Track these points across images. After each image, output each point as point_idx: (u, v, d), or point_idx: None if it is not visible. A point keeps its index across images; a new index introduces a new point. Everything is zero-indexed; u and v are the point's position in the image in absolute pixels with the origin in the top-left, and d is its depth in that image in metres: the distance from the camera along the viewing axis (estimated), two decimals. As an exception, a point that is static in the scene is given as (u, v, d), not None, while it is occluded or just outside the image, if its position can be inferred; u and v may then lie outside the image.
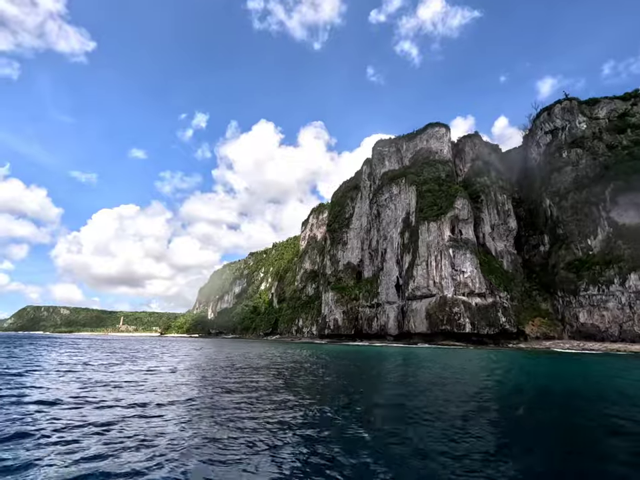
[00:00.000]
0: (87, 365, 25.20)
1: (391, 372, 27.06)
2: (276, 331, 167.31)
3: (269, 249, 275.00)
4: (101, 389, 14.85)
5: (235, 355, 39.14)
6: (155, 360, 31.51)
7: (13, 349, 41.46)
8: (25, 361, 26.00)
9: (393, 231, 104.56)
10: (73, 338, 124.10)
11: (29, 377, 17.61)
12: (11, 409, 10.95)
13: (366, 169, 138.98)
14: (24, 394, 13.29)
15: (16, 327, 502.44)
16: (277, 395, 14.60)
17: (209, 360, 33.12)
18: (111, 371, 21.64)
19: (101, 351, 41.62)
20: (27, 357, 29.69)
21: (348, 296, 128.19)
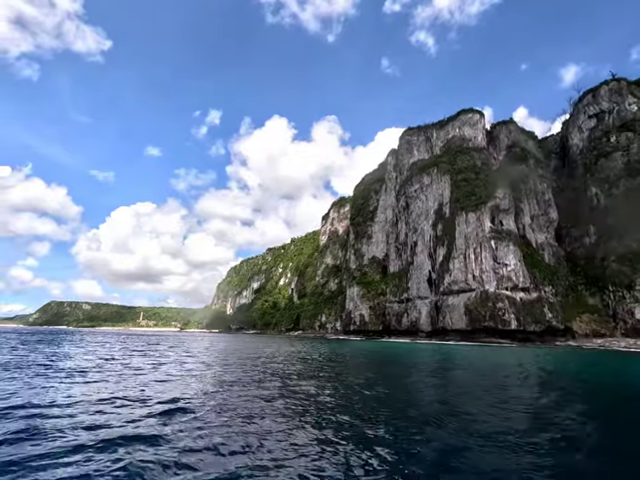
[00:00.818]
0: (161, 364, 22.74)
1: (469, 382, 23.49)
2: (298, 327, 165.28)
3: (287, 244, 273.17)
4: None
5: (269, 353, 36.34)
6: (205, 355, 29.06)
7: (64, 347, 39.77)
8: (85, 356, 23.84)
9: (424, 223, 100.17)
10: (102, 333, 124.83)
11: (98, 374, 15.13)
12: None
13: (391, 159, 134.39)
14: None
15: (41, 322, 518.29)
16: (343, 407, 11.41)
17: (254, 358, 30.41)
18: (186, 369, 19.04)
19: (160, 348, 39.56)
20: (84, 351, 27.65)
21: (374, 291, 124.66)
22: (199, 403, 11.00)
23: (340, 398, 12.75)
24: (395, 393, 14.50)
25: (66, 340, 50.57)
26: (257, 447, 7.29)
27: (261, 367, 21.89)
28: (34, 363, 19.62)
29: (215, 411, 10.11)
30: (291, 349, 42.79)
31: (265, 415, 9.76)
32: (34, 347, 32.44)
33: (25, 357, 23.44)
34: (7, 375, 15.13)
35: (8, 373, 15.74)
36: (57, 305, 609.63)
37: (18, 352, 26.85)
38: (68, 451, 6.75)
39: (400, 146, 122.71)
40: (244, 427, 8.62)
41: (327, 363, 27.23)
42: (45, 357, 23.83)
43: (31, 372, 16.18)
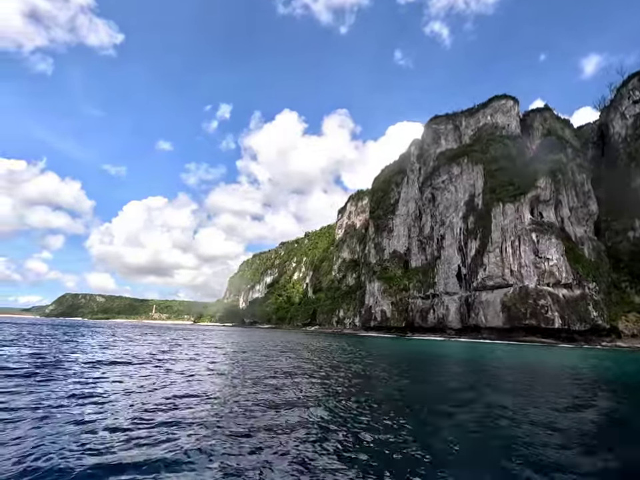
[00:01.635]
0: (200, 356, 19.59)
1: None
2: (314, 322, 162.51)
3: (300, 238, 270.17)
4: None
5: (291, 348, 33.06)
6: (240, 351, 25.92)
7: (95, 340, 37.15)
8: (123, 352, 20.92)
9: (453, 216, 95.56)
10: (122, 325, 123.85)
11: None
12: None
13: (414, 150, 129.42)
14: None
15: (57, 313, 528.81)
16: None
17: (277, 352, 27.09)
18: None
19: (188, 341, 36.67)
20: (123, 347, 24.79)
21: (396, 286, 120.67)
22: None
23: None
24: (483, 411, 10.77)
25: (109, 334, 48.19)
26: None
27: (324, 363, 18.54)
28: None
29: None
30: (323, 344, 39.50)
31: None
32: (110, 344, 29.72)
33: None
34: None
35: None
36: (71, 297, 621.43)
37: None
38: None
39: (425, 135, 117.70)
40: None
41: (378, 364, 23.73)
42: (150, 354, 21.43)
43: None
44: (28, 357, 16.53)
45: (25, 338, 29.83)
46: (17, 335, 33.20)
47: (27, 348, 21.12)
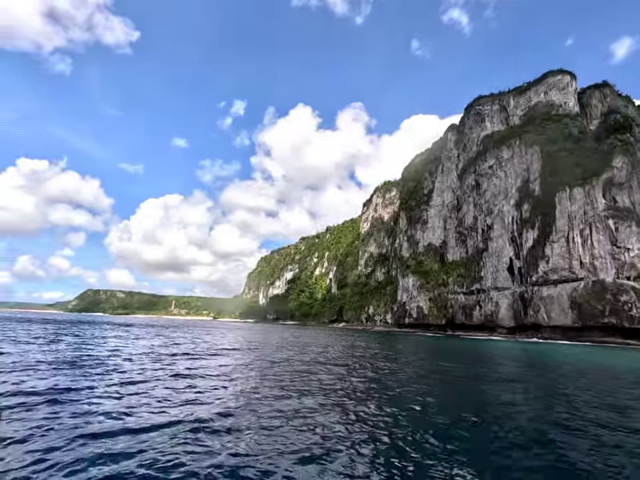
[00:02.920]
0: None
1: None
2: (341, 318, 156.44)
3: (321, 233, 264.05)
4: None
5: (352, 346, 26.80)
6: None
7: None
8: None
9: (503, 204, 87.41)
10: (147, 323, 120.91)
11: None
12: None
13: (451, 136, 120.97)
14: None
15: (79, 309, 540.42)
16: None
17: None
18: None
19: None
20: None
21: (434, 281, 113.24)
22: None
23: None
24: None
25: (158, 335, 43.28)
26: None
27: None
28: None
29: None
30: (371, 345, 33.25)
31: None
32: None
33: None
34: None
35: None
36: (93, 292, 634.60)
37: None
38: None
39: (465, 119, 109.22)
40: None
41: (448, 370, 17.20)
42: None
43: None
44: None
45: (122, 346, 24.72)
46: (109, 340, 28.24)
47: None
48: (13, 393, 8.86)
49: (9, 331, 30.70)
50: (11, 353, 15.97)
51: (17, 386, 9.64)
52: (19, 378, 10.70)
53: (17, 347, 18.78)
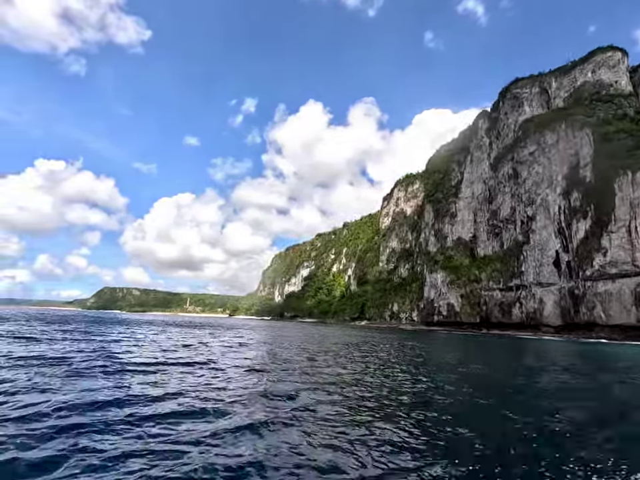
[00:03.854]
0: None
1: None
2: (363, 316, 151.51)
3: (338, 229, 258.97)
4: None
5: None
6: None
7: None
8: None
9: (547, 193, 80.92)
10: (168, 320, 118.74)
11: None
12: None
13: (483, 123, 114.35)
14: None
15: (97, 306, 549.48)
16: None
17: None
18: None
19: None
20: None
21: (465, 277, 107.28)
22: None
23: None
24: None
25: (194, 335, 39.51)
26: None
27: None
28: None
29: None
30: (405, 344, 28.32)
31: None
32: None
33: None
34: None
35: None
36: (110, 290, 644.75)
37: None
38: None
39: (500, 104, 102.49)
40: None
41: None
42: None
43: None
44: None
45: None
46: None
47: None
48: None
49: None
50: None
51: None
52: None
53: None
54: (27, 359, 12.30)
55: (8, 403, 7.08)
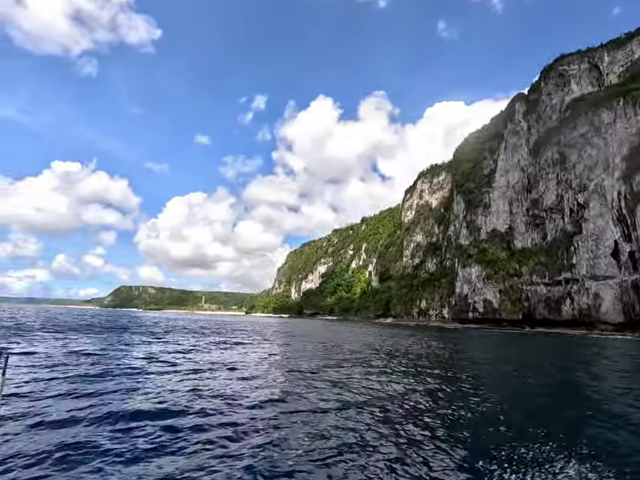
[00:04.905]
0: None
1: None
2: (388, 313, 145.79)
3: (356, 224, 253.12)
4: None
5: None
6: None
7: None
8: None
9: (603, 177, 73.81)
10: (191, 319, 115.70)
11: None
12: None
13: (520, 107, 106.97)
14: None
15: (114, 304, 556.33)
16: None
17: None
18: None
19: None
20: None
21: (504, 271, 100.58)
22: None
23: None
24: None
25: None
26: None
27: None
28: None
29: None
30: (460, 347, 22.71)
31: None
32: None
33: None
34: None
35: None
36: (126, 289, 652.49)
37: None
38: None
39: (542, 84, 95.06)
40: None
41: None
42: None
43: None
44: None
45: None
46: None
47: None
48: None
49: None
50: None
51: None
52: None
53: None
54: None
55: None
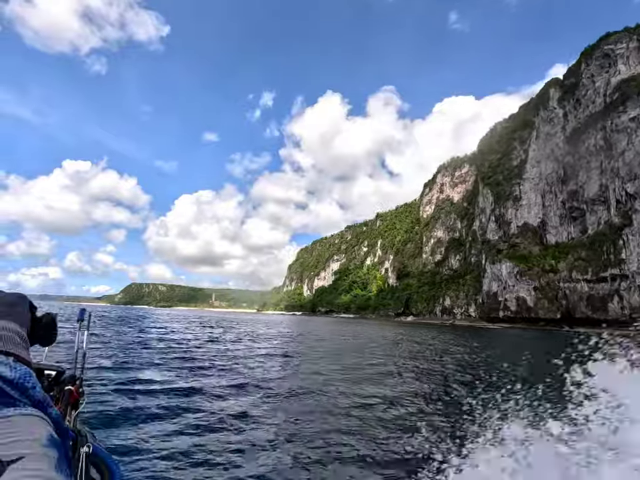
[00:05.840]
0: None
1: None
2: (409, 311, 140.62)
3: (370, 220, 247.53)
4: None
5: None
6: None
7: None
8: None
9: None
10: (217, 317, 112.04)
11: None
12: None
13: (555, 92, 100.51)
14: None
15: (125, 301, 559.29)
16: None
17: None
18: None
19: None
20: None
21: (539, 267, 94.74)
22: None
23: None
24: None
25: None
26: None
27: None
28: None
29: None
30: None
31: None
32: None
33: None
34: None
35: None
36: (137, 286, 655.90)
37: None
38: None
39: (583, 65, 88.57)
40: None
41: None
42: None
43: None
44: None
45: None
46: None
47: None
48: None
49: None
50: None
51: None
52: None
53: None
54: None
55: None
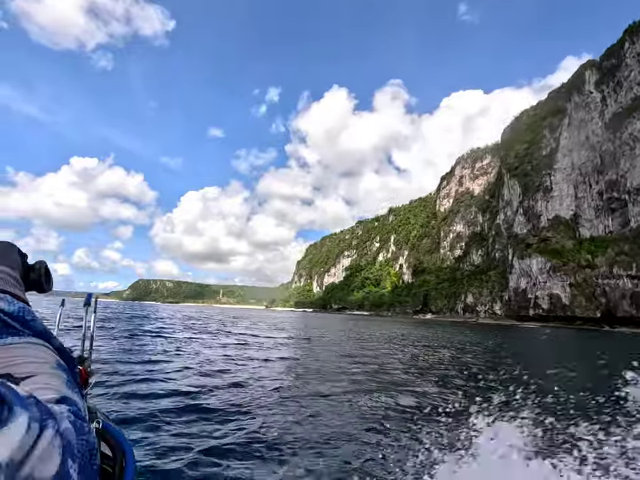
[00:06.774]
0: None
1: None
2: (427, 309, 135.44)
3: (382, 215, 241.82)
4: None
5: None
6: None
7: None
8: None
9: None
10: (233, 317, 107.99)
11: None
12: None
13: (590, 75, 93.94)
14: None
15: (133, 297, 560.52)
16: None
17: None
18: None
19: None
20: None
21: (574, 262, 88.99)
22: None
23: None
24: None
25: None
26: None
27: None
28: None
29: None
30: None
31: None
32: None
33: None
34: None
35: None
36: (144, 282, 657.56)
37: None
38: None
39: (626, 45, 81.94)
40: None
41: None
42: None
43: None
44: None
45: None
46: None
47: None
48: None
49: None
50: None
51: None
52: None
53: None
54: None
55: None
